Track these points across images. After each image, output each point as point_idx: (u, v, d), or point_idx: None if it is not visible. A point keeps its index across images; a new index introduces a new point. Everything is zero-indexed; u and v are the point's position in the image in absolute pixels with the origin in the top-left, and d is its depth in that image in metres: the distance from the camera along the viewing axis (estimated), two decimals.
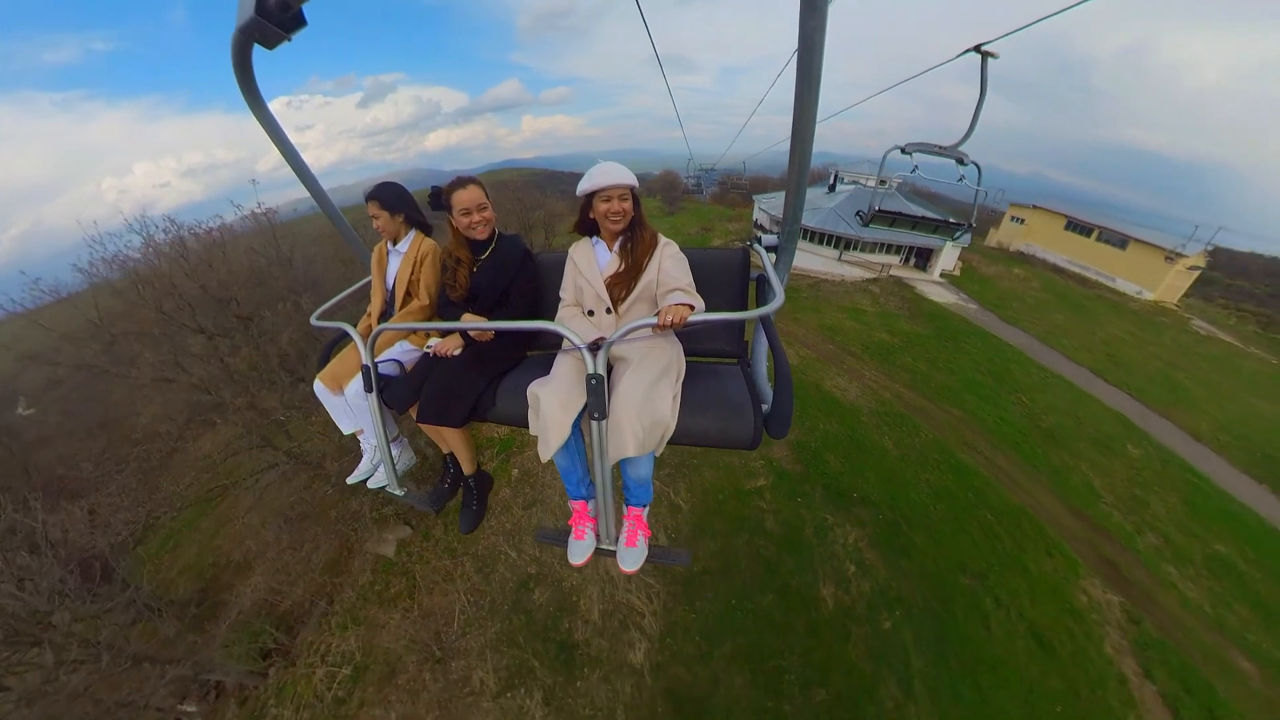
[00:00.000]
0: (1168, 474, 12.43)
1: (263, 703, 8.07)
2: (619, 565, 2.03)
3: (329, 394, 2.56)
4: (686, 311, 1.72)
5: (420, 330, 2.48)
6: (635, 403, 1.77)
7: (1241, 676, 8.09)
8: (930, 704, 6.78)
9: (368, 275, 2.88)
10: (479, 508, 2.70)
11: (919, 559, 8.82)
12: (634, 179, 2.12)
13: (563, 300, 2.32)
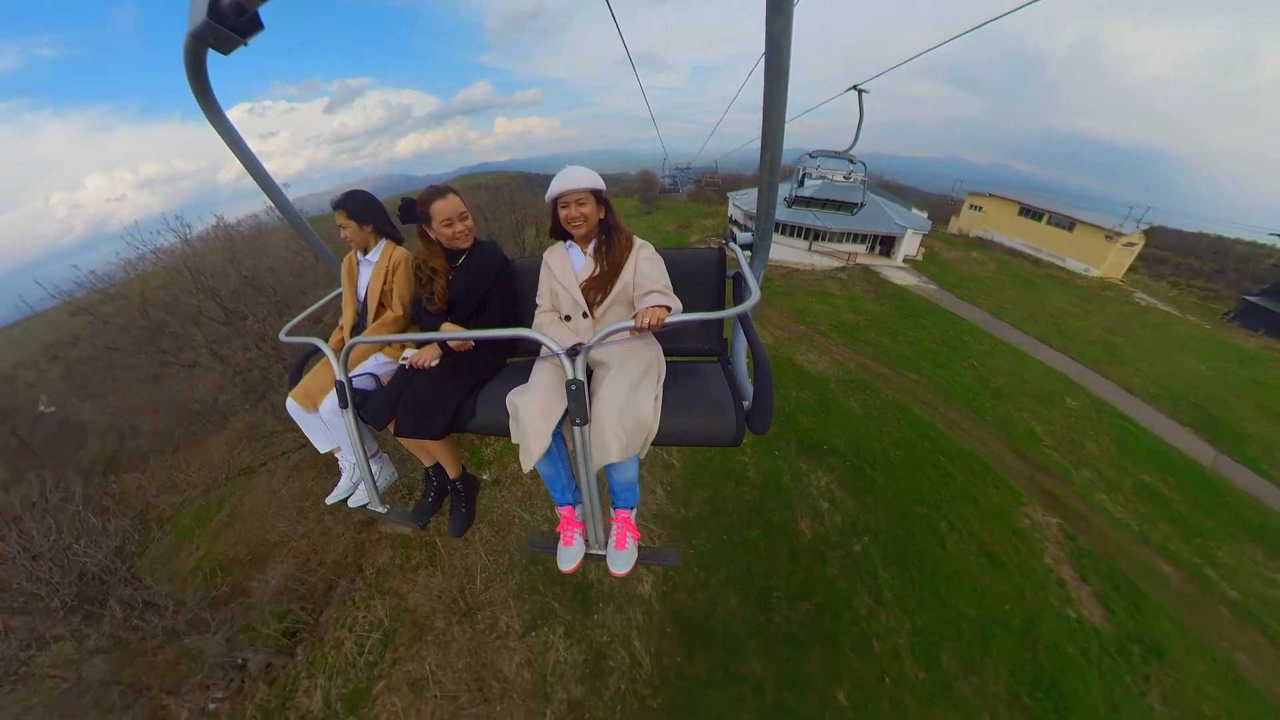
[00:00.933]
0: (1102, 421, 14.03)
1: (293, 678, 8.41)
2: (610, 569, 2.05)
3: (303, 412, 2.47)
4: (664, 313, 1.74)
5: (395, 342, 2.42)
6: (617, 406, 1.77)
7: (1163, 577, 9.54)
8: (898, 609, 8.03)
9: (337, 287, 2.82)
10: (468, 510, 2.68)
11: (882, 495, 10.17)
12: (596, 182, 2.12)
13: (540, 306, 2.31)
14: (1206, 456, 13.34)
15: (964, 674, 7.26)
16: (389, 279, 2.57)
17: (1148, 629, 8.35)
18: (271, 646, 8.79)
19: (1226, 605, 9.14)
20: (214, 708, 8.24)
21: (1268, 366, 20.92)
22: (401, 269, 2.56)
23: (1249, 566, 10.01)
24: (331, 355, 2.17)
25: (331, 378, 2.26)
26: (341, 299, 2.75)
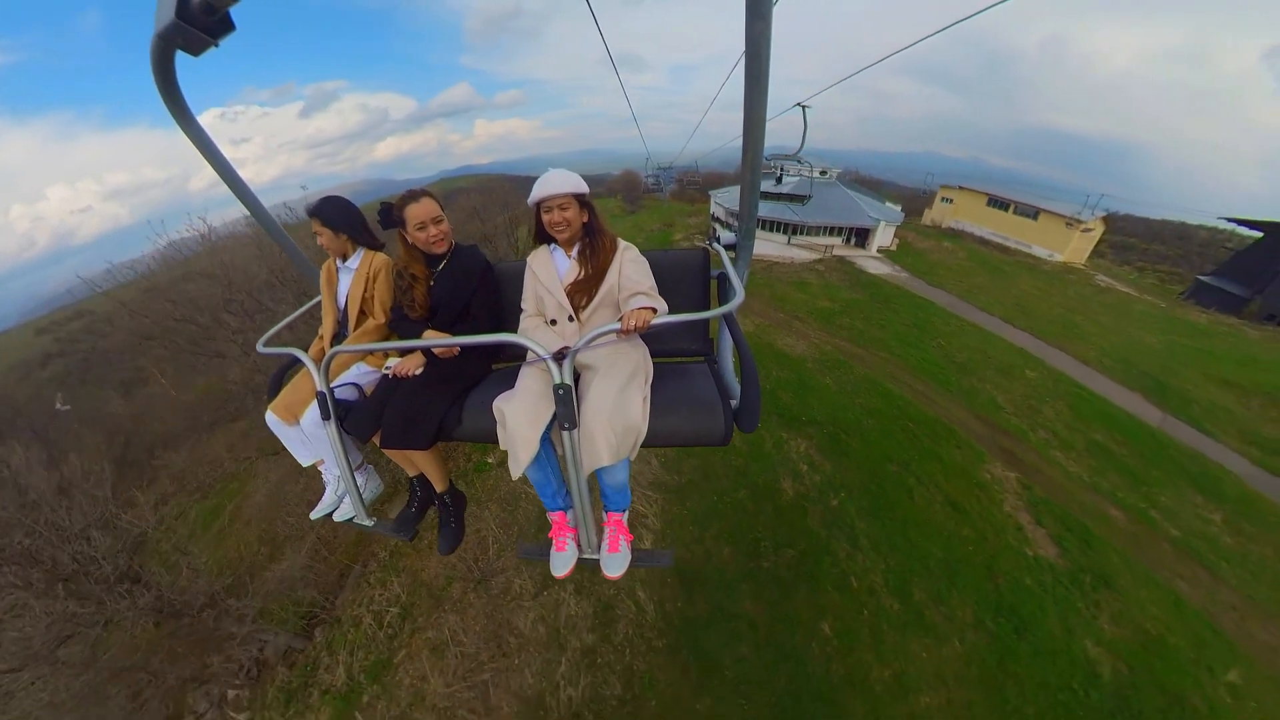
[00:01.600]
0: (1058, 388, 15.17)
1: (313, 658, 8.67)
2: (603, 572, 2.05)
3: (283, 426, 2.40)
4: (650, 314, 1.75)
5: (378, 351, 2.40)
6: (606, 410, 1.77)
7: (1112, 520, 10.55)
8: (873, 552, 8.91)
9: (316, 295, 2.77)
10: (457, 525, 2.62)
11: (856, 457, 11.08)
12: (578, 186, 2.11)
13: (524, 311, 2.30)
14: (1154, 418, 14.52)
15: (934, 604, 8.15)
16: (369, 286, 2.53)
17: (1097, 562, 9.33)
18: (290, 630, 9.02)
19: (1169, 542, 10.18)
20: (234, 695, 8.45)
21: (1215, 339, 22.43)
22: (382, 275, 2.52)
23: (1189, 509, 11.10)
24: (312, 365, 2.12)
25: (312, 389, 2.19)
26: (320, 308, 2.68)
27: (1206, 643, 8.26)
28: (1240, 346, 21.61)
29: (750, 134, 1.53)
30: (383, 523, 2.53)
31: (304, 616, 9.30)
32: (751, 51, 1.26)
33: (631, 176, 64.70)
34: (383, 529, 2.51)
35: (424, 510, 2.65)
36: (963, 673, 7.32)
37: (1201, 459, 12.83)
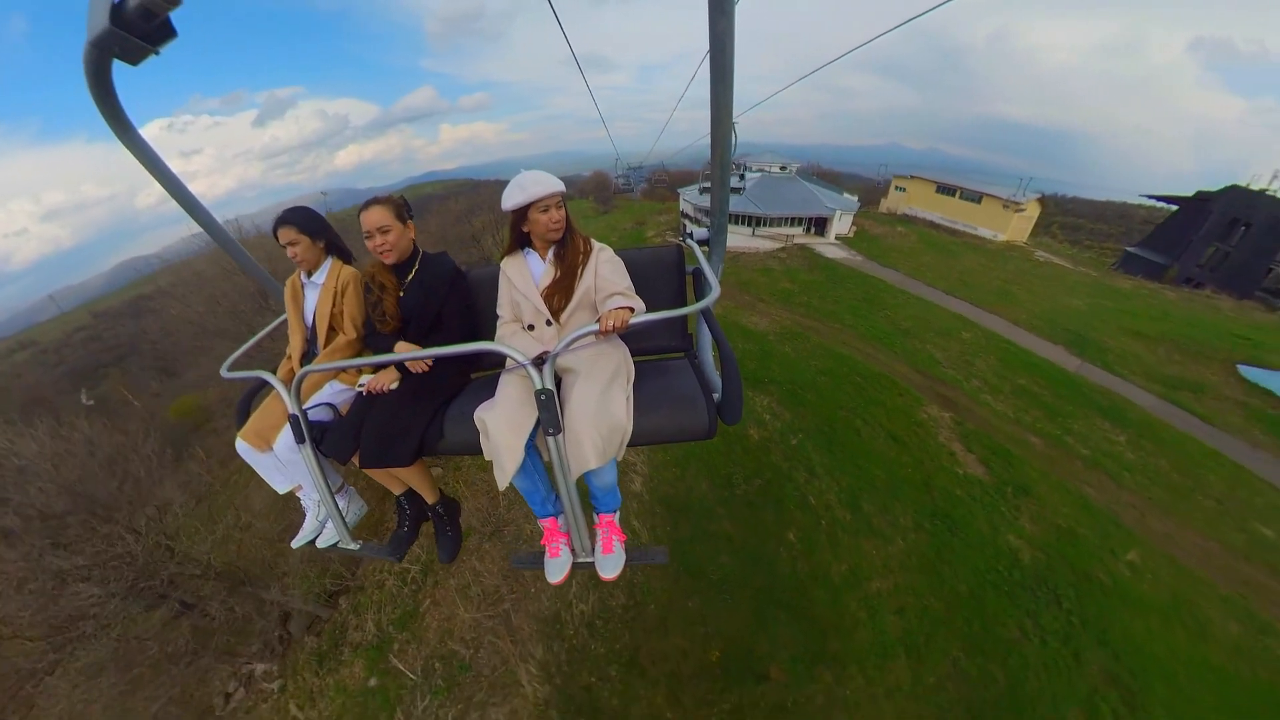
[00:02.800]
0: (989, 345, 17.12)
1: (340, 623, 9.22)
2: (599, 574, 2.05)
3: (255, 453, 2.31)
4: (628, 314, 1.72)
5: (350, 368, 2.31)
6: (590, 412, 1.77)
7: (1031, 445, 12.34)
8: (827, 478, 10.48)
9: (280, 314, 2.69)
10: (454, 533, 2.59)
11: (811, 406, 12.71)
12: (561, 185, 2.08)
13: (501, 317, 2.27)
14: (1073, 365, 16.54)
15: (880, 514, 9.73)
16: (338, 301, 2.44)
17: (1018, 477, 11.05)
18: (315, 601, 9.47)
19: (1080, 460, 11.99)
20: (263, 670, 8.93)
21: (1135, 300, 24.92)
22: (351, 289, 2.45)
23: (1098, 433, 12.98)
24: (281, 388, 2.04)
25: (283, 412, 2.13)
26: (287, 326, 2.59)
27: (1110, 533, 10.00)
28: (1156, 305, 24.14)
29: (718, 131, 1.56)
30: (369, 545, 2.47)
31: (327, 590, 9.69)
32: (716, 49, 1.28)
33: (602, 177, 65.41)
34: (370, 552, 2.46)
35: (417, 528, 2.58)
36: (906, 563, 8.89)
37: (1111, 394, 14.82)
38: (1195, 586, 9.07)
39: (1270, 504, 11.31)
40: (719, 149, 1.64)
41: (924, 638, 7.75)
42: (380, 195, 2.30)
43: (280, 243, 2.41)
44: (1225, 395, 15.46)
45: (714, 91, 1.41)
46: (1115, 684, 7.38)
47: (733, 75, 1.38)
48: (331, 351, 2.42)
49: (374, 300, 2.33)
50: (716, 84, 1.38)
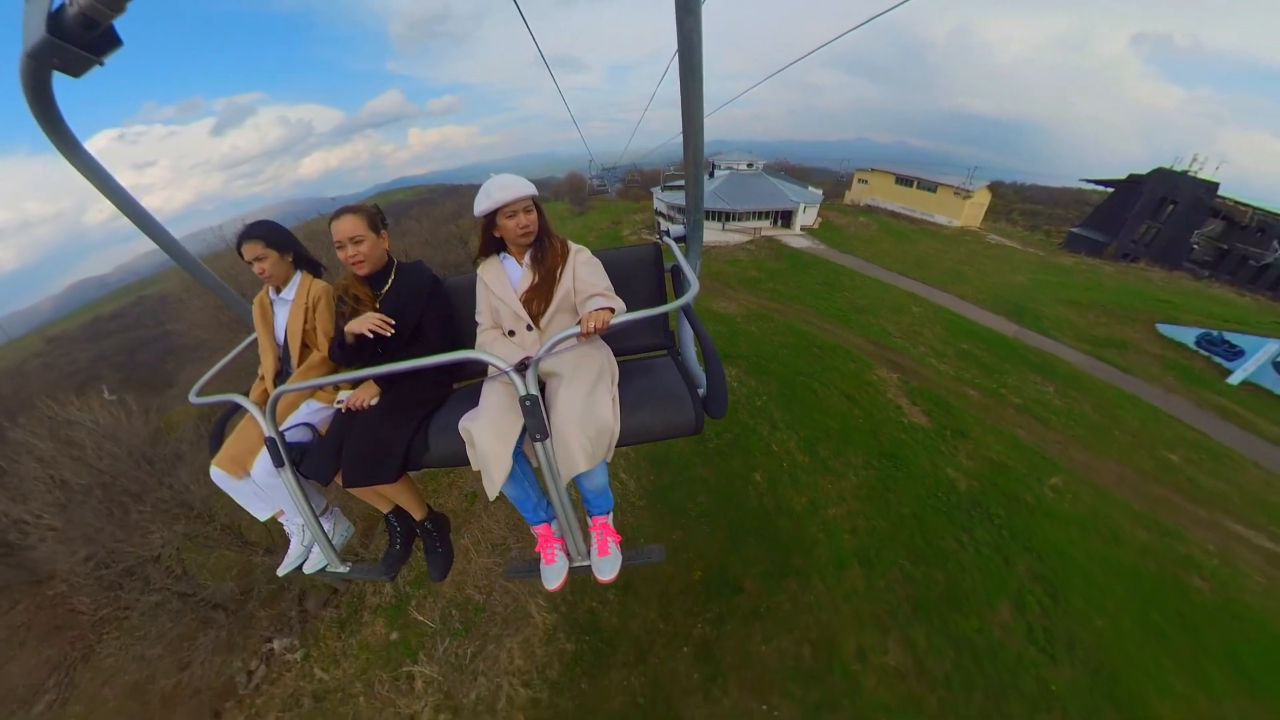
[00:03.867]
0: (937, 318, 18.82)
1: (358, 592, 9.56)
2: (596, 577, 2.06)
3: (231, 480, 2.20)
4: (609, 314, 1.72)
5: (327, 385, 2.17)
6: (576, 415, 1.76)
7: (969, 397, 13.89)
8: (788, 430, 11.83)
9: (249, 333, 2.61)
10: (444, 549, 2.53)
11: (774, 374, 14.13)
12: (534, 188, 2.06)
13: (480, 324, 2.24)
14: (1011, 331, 18.32)
15: (834, 457, 11.10)
16: (310, 316, 2.38)
17: (957, 423, 12.53)
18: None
19: (1012, 407, 13.56)
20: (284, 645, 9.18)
21: (1075, 275, 27.06)
22: (323, 303, 2.38)
23: (1030, 385, 14.61)
24: (255, 410, 1.98)
25: (259, 435, 2.06)
26: (257, 346, 2.50)
27: (1037, 464, 11.50)
28: (1093, 278, 26.28)
29: (690, 128, 1.56)
30: (360, 567, 2.41)
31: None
32: (685, 47, 1.28)
33: (576, 179, 66.29)
34: (361, 574, 2.41)
35: (409, 545, 2.56)
36: (858, 494, 10.25)
37: (1044, 354, 16.55)
38: (1110, 504, 10.59)
39: (1178, 435, 13.04)
40: (691, 147, 1.66)
41: (874, 551, 9.07)
42: (352, 204, 2.22)
43: (245, 259, 2.31)
44: (1145, 350, 17.36)
45: (684, 90, 1.42)
46: (1040, 581, 8.75)
47: (702, 74, 1.40)
48: (306, 369, 2.34)
49: (348, 312, 2.20)
50: (686, 83, 1.40)
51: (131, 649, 8.35)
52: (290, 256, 2.40)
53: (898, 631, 7.89)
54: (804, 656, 7.62)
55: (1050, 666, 7.46)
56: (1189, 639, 7.97)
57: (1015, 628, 8.02)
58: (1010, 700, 7.08)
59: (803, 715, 7.01)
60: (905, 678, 7.36)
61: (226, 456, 2.22)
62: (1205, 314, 19.62)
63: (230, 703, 8.37)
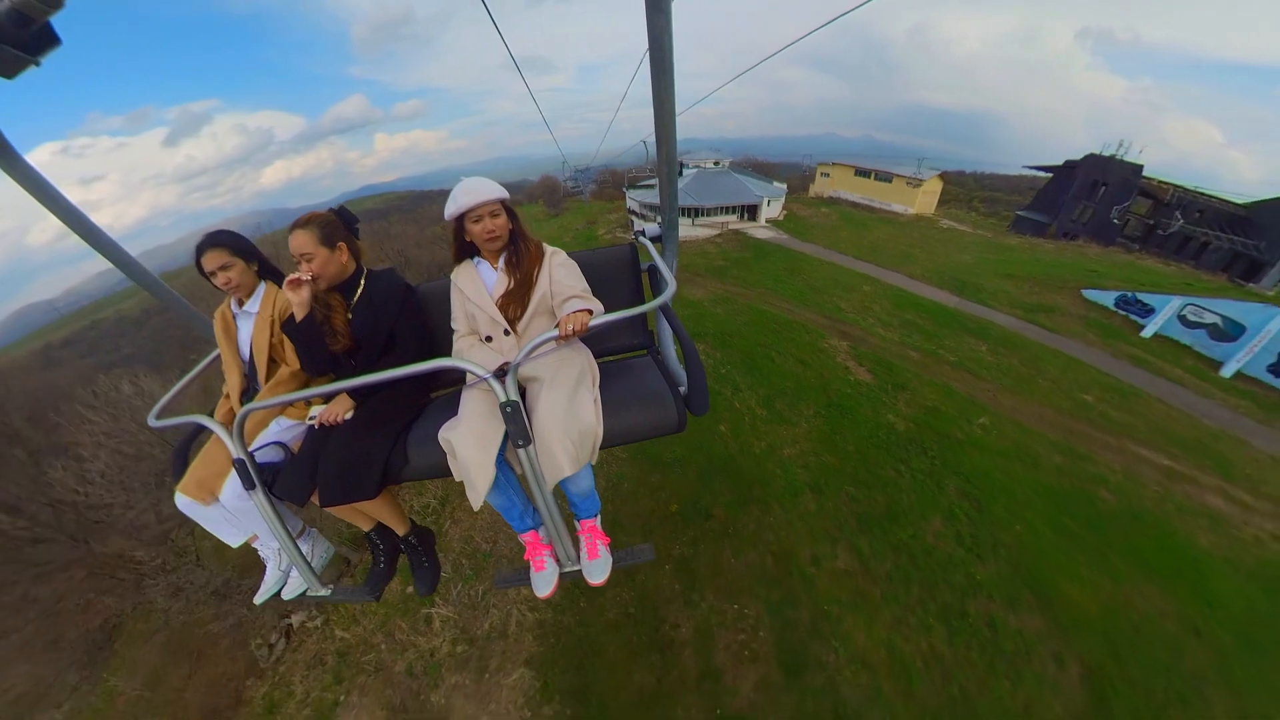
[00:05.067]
0: (886, 294, 20.64)
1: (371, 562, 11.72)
2: (588, 580, 2.07)
3: (198, 506, 2.11)
4: (586, 316, 1.73)
5: (298, 400, 1.99)
6: (559, 419, 1.76)
7: (910, 358, 15.53)
8: (749, 391, 13.37)
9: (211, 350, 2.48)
10: (430, 563, 2.50)
11: (737, 347, 15.72)
12: (502, 191, 2.05)
13: (456, 331, 2.21)
14: (952, 302, 20.16)
15: (789, 409, 12.63)
16: (276, 329, 2.26)
17: (897, 379, 14.16)
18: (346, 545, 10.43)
19: (948, 364, 15.25)
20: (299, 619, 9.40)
21: (1017, 253, 29.25)
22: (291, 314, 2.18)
23: (965, 345, 16.36)
24: (222, 431, 1.85)
25: (227, 457, 1.96)
26: (221, 363, 2.37)
27: (966, 409, 13.13)
28: (1032, 255, 28.50)
29: (662, 127, 1.58)
30: (342, 589, 2.37)
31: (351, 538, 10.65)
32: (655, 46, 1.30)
33: (550, 181, 67.19)
34: (344, 596, 2.36)
35: (394, 562, 2.51)
36: (810, 436, 11.78)
37: (980, 320, 18.40)
38: (1031, 437, 12.23)
39: (1093, 380, 14.89)
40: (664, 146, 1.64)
41: (823, 481, 10.57)
42: (308, 214, 2.14)
43: (206, 270, 2.19)
44: (1070, 312, 19.35)
45: (655, 90, 1.43)
46: (967, 498, 10.26)
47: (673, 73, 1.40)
48: (275, 385, 2.25)
49: (321, 319, 2.16)
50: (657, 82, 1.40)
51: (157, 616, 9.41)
52: (255, 266, 2.32)
53: (845, 542, 9.37)
54: (767, 566, 9.05)
55: (976, 564, 8.92)
56: (1096, 537, 9.49)
57: (945, 534, 9.51)
58: (942, 590, 8.52)
59: (768, 611, 8.39)
60: (853, 577, 8.82)
61: (192, 482, 2.12)
62: (1126, 280, 21.77)
63: (251, 680, 8.78)
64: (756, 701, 7.27)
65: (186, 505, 2.13)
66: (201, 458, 2.21)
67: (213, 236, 2.21)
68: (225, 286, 2.24)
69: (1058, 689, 7.13)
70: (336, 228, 2.16)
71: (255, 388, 2.31)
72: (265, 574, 2.37)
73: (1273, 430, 13.28)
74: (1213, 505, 10.52)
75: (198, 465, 2.17)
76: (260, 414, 2.21)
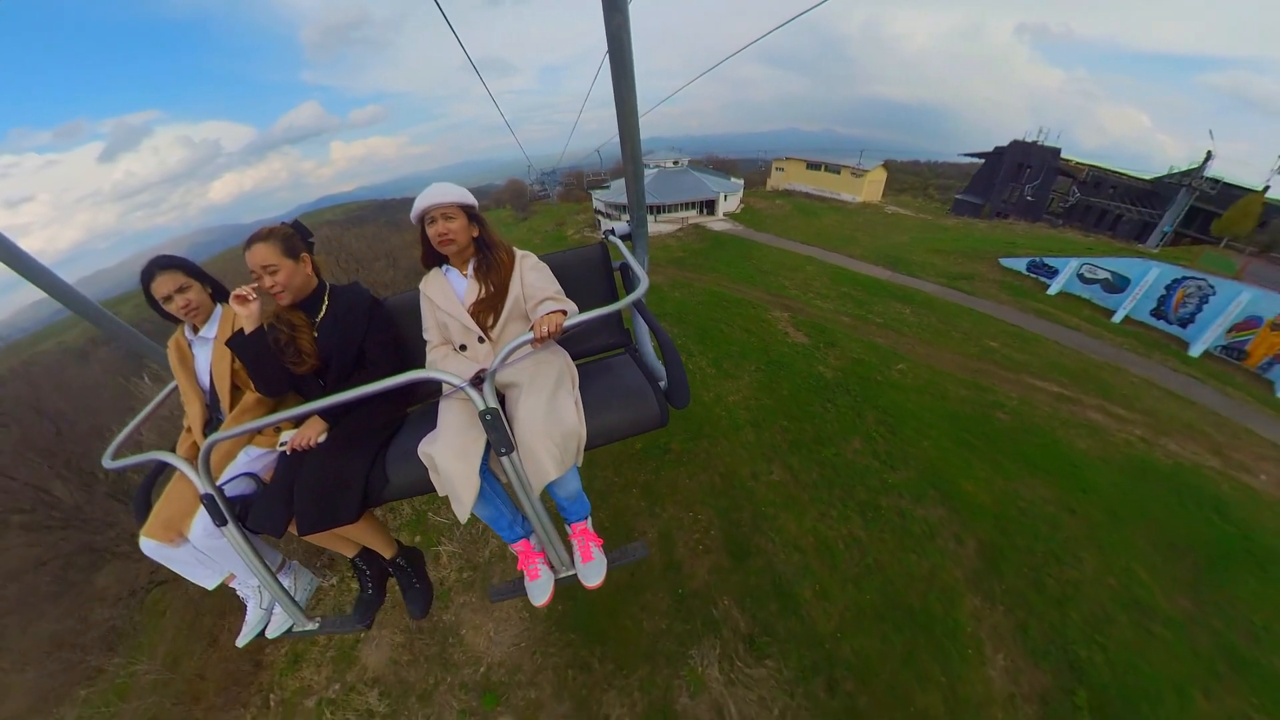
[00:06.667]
0: (826, 272, 22.98)
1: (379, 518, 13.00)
2: (584, 584, 2.06)
3: (166, 549, 1.99)
4: (561, 317, 1.71)
5: (267, 426, 1.79)
6: (540, 423, 1.74)
7: (842, 322, 17.75)
8: (701, 356, 15.37)
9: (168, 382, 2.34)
10: (422, 584, 2.46)
11: (692, 321, 17.77)
12: (463, 196, 2.02)
13: (429, 341, 2.16)
14: (885, 276, 22.60)
15: (734, 368, 14.66)
16: None
17: (829, 338, 16.33)
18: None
19: (874, 325, 17.51)
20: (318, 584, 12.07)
21: (951, 232, 32.08)
22: None
23: (892, 310, 18.67)
24: (185, 466, 1.77)
25: (194, 494, 1.86)
26: (179, 395, 2.24)
27: (888, 358, 15.30)
28: (966, 233, 31.31)
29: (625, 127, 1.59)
30: (330, 620, 2.30)
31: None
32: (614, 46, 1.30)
33: (517, 185, 68.31)
34: (334, 628, 2.29)
35: (383, 587, 2.44)
36: (751, 387, 13.79)
37: (907, 288, 20.81)
38: (942, 376, 14.39)
39: (1000, 330, 17.29)
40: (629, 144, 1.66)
41: (761, 418, 12.57)
42: (263, 228, 2.02)
43: (159, 296, 2.05)
44: (987, 278, 21.93)
45: (617, 89, 1.43)
46: (883, 425, 12.24)
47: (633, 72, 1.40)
48: (240, 413, 2.12)
49: (284, 340, 2.07)
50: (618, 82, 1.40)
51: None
52: (209, 289, 2.22)
53: (779, 461, 11.35)
54: (715, 482, 10.97)
55: (889, 471, 10.76)
56: (992, 448, 11.42)
57: (864, 451, 11.46)
58: (859, 491, 10.34)
59: (717, 515, 10.22)
60: (785, 486, 10.74)
61: (158, 523, 2.00)
62: (1041, 249, 24.47)
63: (269, 648, 8.87)
64: (710, 582, 9.08)
65: (153, 549, 1.99)
66: (166, 497, 2.08)
67: (167, 258, 2.09)
68: (184, 310, 2.11)
69: (958, 559, 9.00)
70: (296, 240, 2.08)
71: (219, 417, 2.19)
72: (246, 614, 2.26)
73: (1149, 360, 15.89)
74: (1092, 419, 12.82)
75: (162, 505, 2.05)
76: (226, 445, 2.10)
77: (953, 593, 8.43)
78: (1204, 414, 13.30)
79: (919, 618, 8.09)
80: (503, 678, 8.08)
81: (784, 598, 8.60)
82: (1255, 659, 7.30)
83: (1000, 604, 8.22)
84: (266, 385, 2.07)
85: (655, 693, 7.51)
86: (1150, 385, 14.57)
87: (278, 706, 8.20)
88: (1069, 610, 8.05)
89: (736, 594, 8.73)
